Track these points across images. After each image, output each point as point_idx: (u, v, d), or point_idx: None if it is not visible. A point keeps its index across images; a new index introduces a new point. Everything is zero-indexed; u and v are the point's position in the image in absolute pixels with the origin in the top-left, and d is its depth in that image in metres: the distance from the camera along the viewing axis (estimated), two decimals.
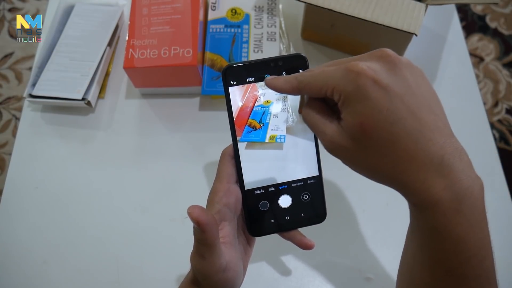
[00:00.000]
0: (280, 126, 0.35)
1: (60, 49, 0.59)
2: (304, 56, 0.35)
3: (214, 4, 0.60)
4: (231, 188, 0.35)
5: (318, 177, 0.37)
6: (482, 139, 0.56)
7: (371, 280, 0.48)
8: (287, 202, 0.36)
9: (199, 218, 0.29)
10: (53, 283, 0.48)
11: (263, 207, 0.36)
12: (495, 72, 1.34)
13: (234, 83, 0.35)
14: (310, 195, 0.37)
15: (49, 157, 0.56)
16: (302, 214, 0.37)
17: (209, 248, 0.30)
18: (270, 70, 0.35)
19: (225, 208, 0.34)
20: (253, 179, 0.36)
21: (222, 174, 0.35)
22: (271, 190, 0.36)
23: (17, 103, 1.31)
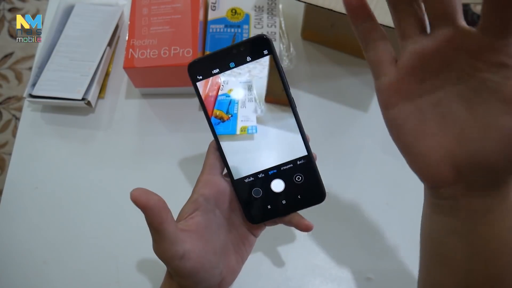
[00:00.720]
0: (250, 117, 0.35)
1: (60, 49, 0.59)
2: (267, 37, 0.34)
3: (214, 4, 0.60)
4: (211, 180, 0.35)
5: (307, 156, 0.36)
6: None
7: (371, 280, 0.48)
8: (280, 186, 0.36)
9: (137, 200, 0.29)
10: (53, 283, 0.48)
11: (256, 194, 0.36)
12: None
13: (200, 78, 0.34)
14: (303, 176, 0.36)
15: (49, 157, 0.56)
16: (298, 196, 0.36)
17: (157, 232, 0.30)
18: (234, 58, 0.34)
19: (201, 197, 0.34)
20: (241, 168, 0.36)
21: (204, 166, 0.36)
22: (261, 176, 0.36)
23: (17, 103, 1.31)
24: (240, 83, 0.35)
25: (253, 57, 0.34)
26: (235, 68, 0.34)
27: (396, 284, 0.48)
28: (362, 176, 0.54)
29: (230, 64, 0.34)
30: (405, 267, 0.49)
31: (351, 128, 0.57)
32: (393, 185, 0.53)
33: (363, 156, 0.55)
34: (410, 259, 0.49)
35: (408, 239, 0.50)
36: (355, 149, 0.55)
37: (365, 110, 0.58)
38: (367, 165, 0.54)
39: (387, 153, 0.55)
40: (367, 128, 0.57)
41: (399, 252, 0.50)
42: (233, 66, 0.34)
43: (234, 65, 0.34)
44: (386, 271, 0.49)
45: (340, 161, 0.55)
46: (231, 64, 0.34)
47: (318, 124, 0.57)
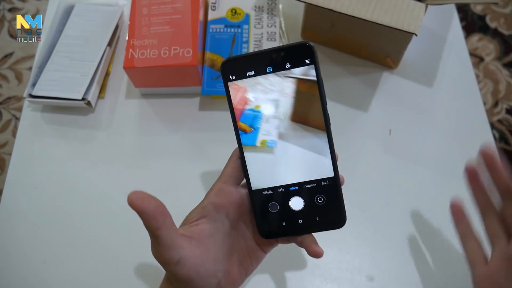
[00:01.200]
0: (271, 132, 0.34)
1: (60, 49, 0.59)
2: (310, 44, 0.31)
3: (214, 4, 0.60)
4: (225, 189, 0.34)
5: (334, 178, 0.34)
6: (482, 139, 0.56)
7: (371, 280, 0.48)
8: (299, 205, 0.34)
9: (133, 204, 0.29)
10: (53, 283, 0.48)
11: (273, 208, 0.34)
12: (495, 72, 1.34)
13: (233, 78, 0.32)
14: (325, 197, 0.34)
15: (49, 157, 0.56)
16: (317, 218, 0.34)
17: (153, 236, 0.30)
18: (272, 62, 0.32)
19: (210, 205, 0.34)
20: (261, 179, 0.34)
21: (222, 174, 0.35)
22: (281, 191, 0.34)
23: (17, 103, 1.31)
24: (267, 100, 0.33)
25: (293, 65, 0.32)
26: (271, 74, 0.32)
27: (396, 284, 0.48)
28: (362, 176, 0.54)
29: (267, 68, 0.32)
30: (405, 267, 0.49)
31: (351, 128, 0.57)
32: (393, 185, 0.53)
33: (363, 156, 0.55)
34: (410, 259, 0.49)
35: (408, 239, 0.50)
36: (355, 149, 0.55)
37: (365, 110, 0.58)
38: (367, 165, 0.54)
39: (387, 153, 0.55)
40: (367, 128, 0.57)
41: (399, 252, 0.50)
42: (270, 70, 0.32)
43: (271, 70, 0.32)
44: (386, 271, 0.49)
45: (340, 161, 0.54)
46: (268, 68, 0.32)
47: None
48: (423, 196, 0.53)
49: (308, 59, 0.32)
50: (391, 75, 0.60)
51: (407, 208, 0.52)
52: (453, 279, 0.48)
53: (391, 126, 0.57)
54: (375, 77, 0.60)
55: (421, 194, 0.53)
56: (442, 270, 0.49)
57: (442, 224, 0.51)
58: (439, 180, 0.53)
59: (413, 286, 0.48)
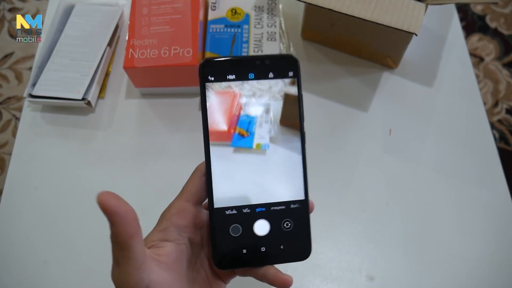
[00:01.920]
0: (264, 136, 0.33)
1: (60, 49, 0.58)
2: (296, 58, 0.31)
3: (214, 4, 0.60)
4: (188, 209, 0.30)
5: (304, 202, 0.31)
6: (482, 139, 0.56)
7: (371, 280, 0.48)
8: (264, 229, 0.30)
9: (104, 203, 0.23)
10: (53, 283, 0.48)
11: (235, 232, 0.30)
12: (495, 72, 1.34)
13: (212, 79, 0.30)
14: (293, 223, 0.31)
15: (49, 157, 0.56)
16: (281, 246, 0.30)
17: (123, 250, 0.25)
18: (254, 69, 0.31)
19: (173, 227, 0.29)
20: (225, 197, 0.30)
21: (183, 191, 0.31)
22: (246, 211, 0.30)
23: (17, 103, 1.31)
24: (259, 104, 0.33)
25: (276, 75, 0.31)
26: (253, 81, 0.31)
27: (396, 284, 0.48)
28: (362, 176, 0.54)
29: (249, 74, 0.31)
30: (405, 267, 0.49)
31: (351, 128, 0.57)
32: (393, 185, 0.53)
33: (363, 156, 0.55)
34: (410, 259, 0.49)
35: (408, 239, 0.50)
36: (355, 149, 0.55)
37: (365, 110, 0.58)
38: (367, 165, 0.54)
39: (387, 153, 0.55)
40: (367, 128, 0.57)
41: (399, 252, 0.50)
42: (252, 77, 0.31)
43: (253, 77, 0.31)
44: (386, 271, 0.49)
45: (340, 161, 0.55)
46: (250, 75, 0.31)
47: (318, 124, 0.57)
48: (423, 196, 0.53)
49: (291, 72, 0.31)
50: (391, 75, 0.60)
51: (407, 208, 0.52)
52: (453, 279, 0.48)
53: (391, 126, 0.57)
54: (375, 77, 0.60)
55: (421, 194, 0.53)
56: (442, 270, 0.49)
57: (442, 224, 0.51)
58: (439, 180, 0.53)
59: (413, 286, 0.48)
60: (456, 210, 0.52)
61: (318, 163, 0.54)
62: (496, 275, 0.48)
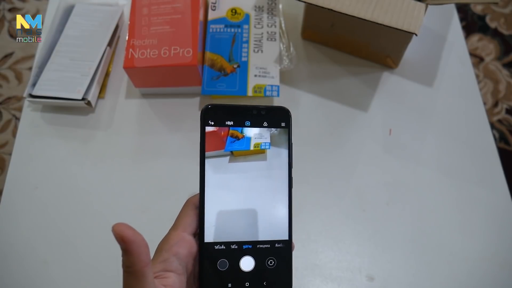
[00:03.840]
0: (263, 134, 0.34)
1: (60, 49, 0.58)
2: (288, 110, 0.34)
3: (214, 4, 0.60)
4: (185, 238, 0.31)
5: (287, 242, 0.33)
6: (482, 139, 0.56)
7: (371, 280, 0.48)
8: (249, 265, 0.32)
9: (123, 233, 0.25)
10: (53, 283, 0.48)
11: (222, 266, 0.32)
12: (495, 72, 1.34)
13: (212, 124, 0.33)
14: (276, 261, 0.33)
15: (49, 157, 0.56)
16: (264, 282, 0.32)
17: (138, 278, 0.25)
18: (250, 118, 0.34)
19: (173, 257, 0.30)
20: (215, 232, 0.32)
21: (178, 222, 0.32)
22: (233, 247, 0.32)
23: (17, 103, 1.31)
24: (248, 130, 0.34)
25: (270, 125, 0.34)
26: (249, 128, 0.34)
27: (396, 284, 0.48)
28: (362, 176, 0.54)
29: (246, 122, 0.34)
30: (405, 267, 0.49)
31: (351, 128, 0.57)
32: (393, 185, 0.53)
33: (363, 156, 0.55)
34: (410, 259, 0.49)
35: (408, 239, 0.50)
36: (355, 149, 0.55)
37: (365, 110, 0.58)
38: (367, 165, 0.54)
39: (387, 153, 0.55)
40: (367, 128, 0.57)
41: (399, 252, 0.50)
42: (248, 125, 0.34)
43: (249, 124, 0.34)
44: (386, 271, 0.49)
45: (340, 161, 0.55)
46: (246, 122, 0.34)
47: (318, 124, 0.57)
48: (423, 196, 0.53)
49: (283, 123, 0.34)
50: (391, 75, 0.60)
51: (407, 208, 0.52)
52: (453, 279, 0.48)
53: (391, 126, 0.57)
54: (375, 77, 0.60)
55: (421, 194, 0.53)
56: (442, 270, 0.49)
57: (442, 224, 0.51)
58: (439, 180, 0.53)
59: (413, 286, 0.48)
60: (456, 210, 0.52)
61: (318, 163, 0.54)
62: (496, 275, 0.48)
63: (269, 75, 0.55)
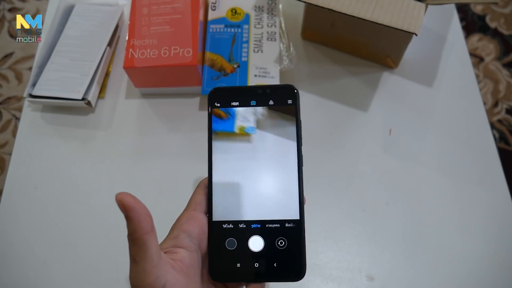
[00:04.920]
0: (248, 118, 0.34)
1: (60, 49, 0.58)
2: (295, 88, 0.34)
3: (214, 4, 0.60)
4: (196, 216, 0.31)
5: (298, 221, 0.32)
6: (482, 139, 0.56)
7: (371, 280, 0.48)
8: (258, 245, 0.31)
9: (124, 200, 0.25)
10: (53, 283, 0.48)
11: (230, 245, 0.31)
12: (495, 72, 1.34)
13: (218, 105, 0.34)
14: (287, 242, 0.31)
15: (49, 157, 0.56)
16: (274, 264, 0.31)
17: (139, 246, 0.25)
18: (256, 97, 0.34)
19: (183, 234, 0.30)
20: (224, 211, 0.32)
21: (190, 202, 0.33)
22: (242, 226, 0.32)
23: (17, 103, 1.31)
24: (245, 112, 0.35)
25: (276, 103, 0.34)
26: (255, 107, 0.34)
27: (396, 284, 0.48)
28: (362, 176, 0.54)
29: (251, 102, 0.34)
30: (405, 267, 0.49)
31: (351, 128, 0.57)
32: (393, 185, 0.53)
33: (363, 156, 0.55)
34: (410, 259, 0.49)
35: (408, 239, 0.50)
36: (355, 149, 0.55)
37: (365, 110, 0.58)
38: (367, 165, 0.54)
39: (387, 153, 0.55)
40: (367, 128, 0.57)
41: (399, 252, 0.50)
42: (253, 104, 0.34)
43: (255, 104, 0.34)
44: (386, 271, 0.49)
45: (340, 161, 0.55)
46: (252, 102, 0.34)
47: (318, 124, 0.57)
48: (423, 196, 0.53)
49: (290, 100, 0.34)
50: (391, 75, 0.60)
51: (407, 208, 0.52)
52: (453, 279, 0.48)
53: (391, 126, 0.57)
54: (375, 77, 0.60)
55: (421, 194, 0.53)
56: (442, 270, 0.49)
57: (442, 224, 0.51)
58: (439, 180, 0.53)
59: (413, 286, 0.48)
60: (456, 210, 0.52)
61: (318, 163, 0.54)
62: (496, 275, 0.48)
63: (269, 75, 0.55)
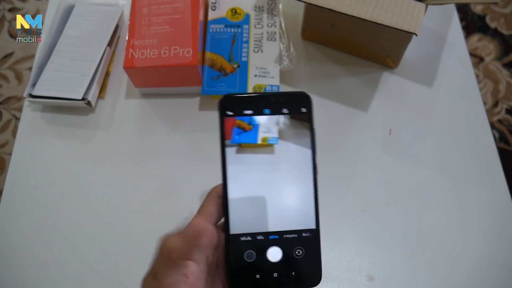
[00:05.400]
0: (271, 129, 0.33)
1: (60, 49, 0.58)
2: (308, 95, 0.33)
3: (214, 4, 0.60)
4: (209, 229, 0.31)
5: (315, 231, 0.32)
6: (482, 139, 0.56)
7: (371, 280, 0.48)
8: (276, 256, 0.32)
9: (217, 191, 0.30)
10: (53, 283, 0.48)
11: (249, 257, 0.32)
12: (495, 72, 1.34)
13: (230, 114, 0.33)
14: (304, 251, 0.32)
15: (49, 157, 0.56)
16: (292, 273, 0.32)
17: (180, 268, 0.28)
18: (270, 105, 0.33)
19: (194, 246, 0.30)
20: (241, 223, 0.32)
21: (203, 211, 0.32)
22: (260, 238, 0.32)
23: (17, 103, 1.31)
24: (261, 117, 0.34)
25: (290, 111, 0.33)
26: (268, 116, 0.33)
27: (396, 284, 0.48)
28: (362, 176, 0.54)
29: (264, 110, 0.33)
30: (405, 267, 0.49)
31: (351, 128, 0.57)
32: (393, 185, 0.53)
33: (363, 156, 0.55)
34: (410, 259, 0.49)
35: (408, 239, 0.50)
36: (355, 149, 0.55)
37: (365, 110, 0.58)
38: (367, 165, 0.54)
39: (387, 153, 0.55)
40: (367, 128, 0.57)
41: (399, 252, 0.50)
42: (267, 113, 0.33)
43: (269, 112, 0.33)
44: (386, 271, 0.49)
45: (340, 161, 0.55)
46: (265, 110, 0.33)
47: (318, 124, 0.57)
48: (423, 196, 0.53)
49: (304, 108, 0.33)
50: (391, 75, 0.60)
51: (407, 208, 0.52)
52: (453, 279, 0.48)
53: (391, 126, 0.57)
54: (375, 77, 0.60)
55: (421, 194, 0.53)
56: (442, 270, 0.49)
57: (442, 224, 0.51)
58: (439, 180, 0.53)
59: (413, 286, 0.48)
60: (456, 210, 0.52)
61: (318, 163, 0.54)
62: (496, 275, 0.48)
63: (269, 75, 0.55)
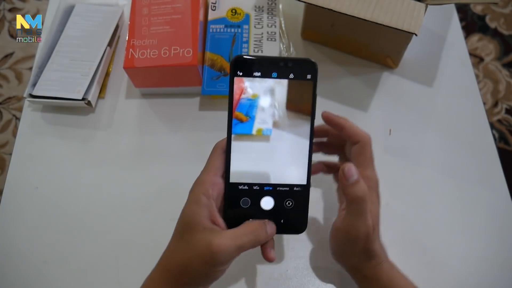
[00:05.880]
0: (266, 120, 0.36)
1: (60, 49, 0.59)
2: (314, 62, 0.35)
3: (214, 4, 0.60)
4: (216, 181, 0.35)
5: (305, 186, 0.36)
6: (482, 139, 0.56)
7: None
8: (269, 204, 0.36)
9: None
10: (53, 283, 0.48)
11: (244, 204, 0.36)
12: (495, 72, 1.34)
13: (240, 74, 0.35)
14: (294, 203, 0.36)
15: (49, 157, 0.56)
16: (281, 220, 0.36)
17: None
18: (278, 69, 0.35)
19: (211, 200, 0.35)
20: (240, 174, 0.36)
21: (209, 166, 0.36)
22: (255, 188, 0.36)
23: (17, 103, 1.31)
24: (262, 88, 0.36)
25: (296, 77, 0.35)
26: (275, 79, 0.35)
27: None
28: None
29: (273, 73, 0.35)
30: (405, 267, 0.49)
31: None
32: (393, 185, 0.53)
33: None
34: (410, 259, 0.49)
35: (408, 239, 0.50)
36: None
37: (365, 110, 0.58)
38: None
39: (387, 153, 0.55)
40: (367, 128, 0.57)
41: (398, 252, 0.50)
42: (274, 76, 0.35)
43: (276, 76, 0.35)
44: None
45: None
46: (273, 73, 0.35)
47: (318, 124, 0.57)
48: (423, 196, 0.53)
49: (309, 75, 0.35)
50: (391, 75, 0.60)
51: (407, 208, 0.52)
52: (453, 279, 0.48)
53: (391, 126, 0.57)
54: (375, 77, 0.60)
55: (421, 194, 0.53)
56: (442, 270, 0.49)
57: (442, 224, 0.51)
58: (439, 180, 0.53)
59: None
60: (455, 210, 0.52)
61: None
62: (496, 275, 0.48)
63: None
